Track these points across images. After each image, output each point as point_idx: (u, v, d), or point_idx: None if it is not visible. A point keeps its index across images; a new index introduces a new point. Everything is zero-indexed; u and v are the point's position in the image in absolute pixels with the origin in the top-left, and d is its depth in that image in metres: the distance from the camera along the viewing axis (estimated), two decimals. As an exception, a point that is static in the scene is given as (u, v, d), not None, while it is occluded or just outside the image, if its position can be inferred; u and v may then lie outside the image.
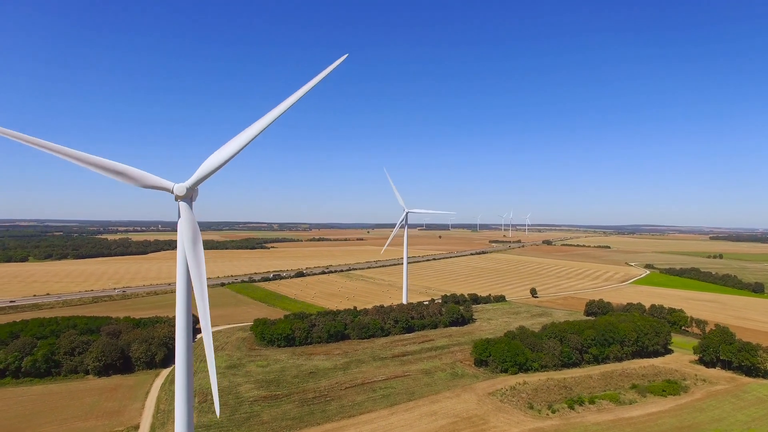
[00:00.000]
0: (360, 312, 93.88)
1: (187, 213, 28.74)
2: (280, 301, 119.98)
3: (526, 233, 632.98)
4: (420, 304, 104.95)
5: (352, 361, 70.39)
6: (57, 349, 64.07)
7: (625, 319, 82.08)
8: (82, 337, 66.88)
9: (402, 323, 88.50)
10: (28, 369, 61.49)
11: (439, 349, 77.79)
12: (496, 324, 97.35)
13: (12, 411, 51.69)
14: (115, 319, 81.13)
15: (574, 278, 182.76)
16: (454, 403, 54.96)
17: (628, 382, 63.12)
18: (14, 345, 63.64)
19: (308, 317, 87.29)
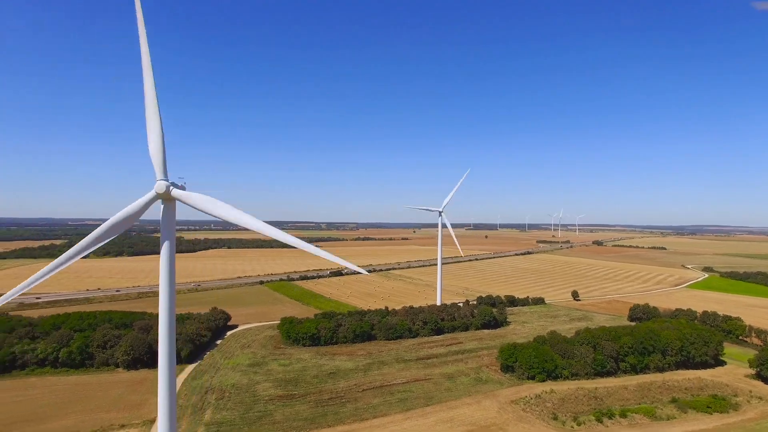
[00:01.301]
0: (389, 312, 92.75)
1: (188, 195, 28.63)
2: (315, 300, 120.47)
3: (576, 233, 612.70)
4: (453, 305, 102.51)
5: (375, 362, 69.29)
6: (91, 341, 66.69)
7: (669, 326, 76.72)
8: (115, 331, 69.34)
9: (431, 325, 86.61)
10: (65, 360, 64.55)
11: (467, 352, 75.43)
12: (531, 328, 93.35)
13: (46, 398, 54.73)
14: (149, 315, 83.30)
15: (622, 281, 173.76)
16: (473, 410, 52.86)
17: (667, 395, 58.39)
18: (53, 336, 66.95)
19: (335, 317, 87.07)
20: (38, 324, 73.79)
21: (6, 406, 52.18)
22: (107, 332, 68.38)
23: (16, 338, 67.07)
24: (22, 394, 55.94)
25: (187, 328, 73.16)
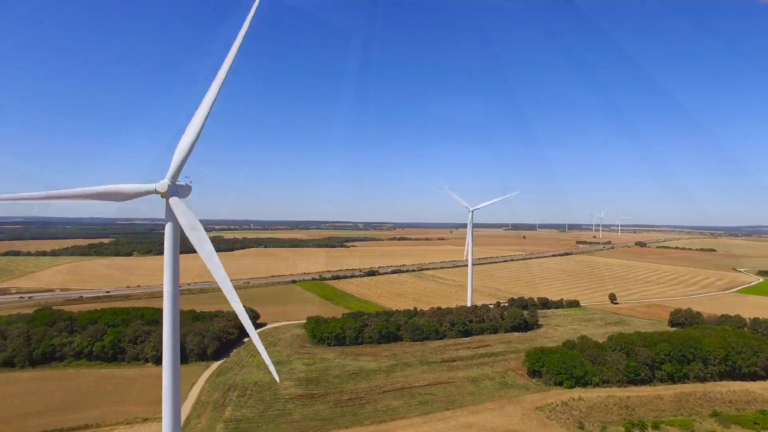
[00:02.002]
0: (416, 313, 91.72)
1: (179, 207, 29.03)
2: (344, 300, 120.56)
3: (618, 234, 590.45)
4: (483, 306, 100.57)
5: (399, 363, 68.74)
6: (123, 336, 69.10)
7: (713, 333, 72.07)
8: (145, 327, 71.34)
9: (458, 326, 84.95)
10: (99, 353, 67.48)
11: (494, 355, 73.59)
12: (563, 331, 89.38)
13: (79, 389, 57.97)
14: (180, 312, 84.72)
15: (665, 284, 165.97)
16: (494, 416, 51.42)
17: (708, 407, 55.13)
18: (89, 331, 70.17)
19: (361, 317, 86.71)
20: (77, 318, 76.88)
21: (43, 395, 55.43)
22: (138, 328, 70.57)
23: (56, 331, 70.49)
24: (57, 385, 59.28)
25: (214, 326, 74.51)
